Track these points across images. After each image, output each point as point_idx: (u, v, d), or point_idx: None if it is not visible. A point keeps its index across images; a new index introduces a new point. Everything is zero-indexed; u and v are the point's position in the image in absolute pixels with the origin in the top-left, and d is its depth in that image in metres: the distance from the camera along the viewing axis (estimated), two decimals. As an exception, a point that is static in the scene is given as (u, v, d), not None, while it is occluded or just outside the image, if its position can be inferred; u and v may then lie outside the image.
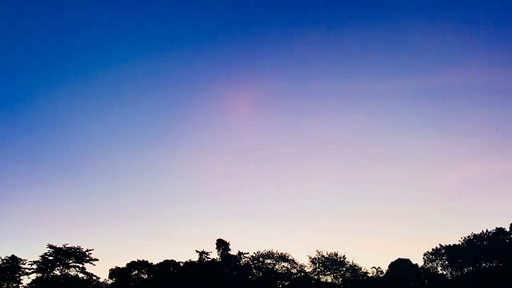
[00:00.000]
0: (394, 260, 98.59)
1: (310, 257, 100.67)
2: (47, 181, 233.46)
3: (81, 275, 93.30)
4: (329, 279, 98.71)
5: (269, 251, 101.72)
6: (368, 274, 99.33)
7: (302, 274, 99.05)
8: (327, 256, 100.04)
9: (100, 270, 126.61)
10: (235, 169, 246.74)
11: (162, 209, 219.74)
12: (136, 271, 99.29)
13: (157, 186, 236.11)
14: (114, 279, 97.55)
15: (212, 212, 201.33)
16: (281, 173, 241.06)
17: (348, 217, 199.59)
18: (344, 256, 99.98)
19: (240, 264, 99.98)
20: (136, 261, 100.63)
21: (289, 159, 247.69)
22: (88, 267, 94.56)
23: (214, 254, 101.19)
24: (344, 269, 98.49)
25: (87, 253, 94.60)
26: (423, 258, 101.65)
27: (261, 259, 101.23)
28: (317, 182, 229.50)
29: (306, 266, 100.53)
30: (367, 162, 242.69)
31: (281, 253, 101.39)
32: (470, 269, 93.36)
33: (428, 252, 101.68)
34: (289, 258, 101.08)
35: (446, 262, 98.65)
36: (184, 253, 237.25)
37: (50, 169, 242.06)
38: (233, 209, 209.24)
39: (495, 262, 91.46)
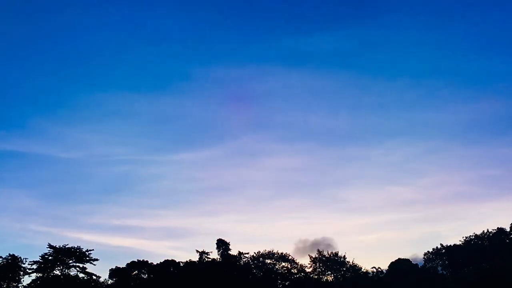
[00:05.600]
0: (394, 260, 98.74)
1: (311, 257, 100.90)
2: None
3: (81, 275, 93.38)
4: (329, 279, 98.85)
5: (269, 251, 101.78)
6: (368, 274, 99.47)
7: (302, 274, 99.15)
8: (328, 256, 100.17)
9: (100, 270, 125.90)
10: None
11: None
12: (136, 271, 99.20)
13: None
14: (114, 279, 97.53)
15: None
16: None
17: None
18: (344, 256, 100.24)
19: (240, 264, 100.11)
20: (136, 261, 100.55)
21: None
22: (88, 267, 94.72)
23: (214, 254, 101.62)
24: (345, 269, 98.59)
25: (87, 253, 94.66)
26: (423, 258, 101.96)
27: (261, 259, 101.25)
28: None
29: (306, 266, 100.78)
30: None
31: (281, 253, 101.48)
32: (470, 269, 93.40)
33: (428, 252, 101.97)
34: (289, 258, 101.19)
35: (446, 262, 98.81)
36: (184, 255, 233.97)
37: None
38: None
39: (495, 262, 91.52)
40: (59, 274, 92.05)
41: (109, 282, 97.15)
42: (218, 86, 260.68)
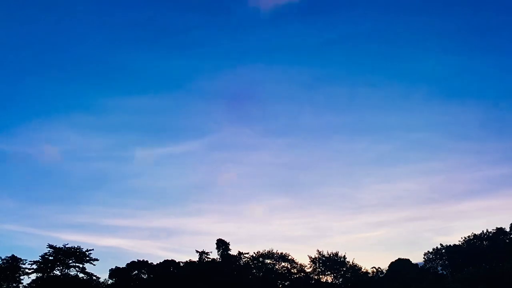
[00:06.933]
0: (394, 260, 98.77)
1: (311, 257, 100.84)
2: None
3: (81, 275, 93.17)
4: (329, 279, 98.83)
5: (269, 251, 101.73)
6: (368, 274, 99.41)
7: (302, 274, 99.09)
8: (328, 256, 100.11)
9: (100, 270, 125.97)
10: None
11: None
12: (136, 271, 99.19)
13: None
14: (114, 279, 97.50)
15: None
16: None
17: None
18: (344, 256, 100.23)
19: (240, 264, 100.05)
20: (136, 261, 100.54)
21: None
22: (88, 267, 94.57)
23: (214, 254, 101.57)
24: (344, 269, 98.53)
25: (87, 253, 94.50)
26: (423, 258, 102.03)
27: (261, 259, 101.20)
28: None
29: (306, 266, 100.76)
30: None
31: (281, 253, 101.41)
32: (470, 269, 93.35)
33: (428, 252, 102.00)
34: (289, 258, 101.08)
35: (446, 262, 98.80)
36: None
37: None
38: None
39: (495, 262, 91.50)
40: (59, 274, 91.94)
41: (109, 282, 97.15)
42: (199, 80, 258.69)
